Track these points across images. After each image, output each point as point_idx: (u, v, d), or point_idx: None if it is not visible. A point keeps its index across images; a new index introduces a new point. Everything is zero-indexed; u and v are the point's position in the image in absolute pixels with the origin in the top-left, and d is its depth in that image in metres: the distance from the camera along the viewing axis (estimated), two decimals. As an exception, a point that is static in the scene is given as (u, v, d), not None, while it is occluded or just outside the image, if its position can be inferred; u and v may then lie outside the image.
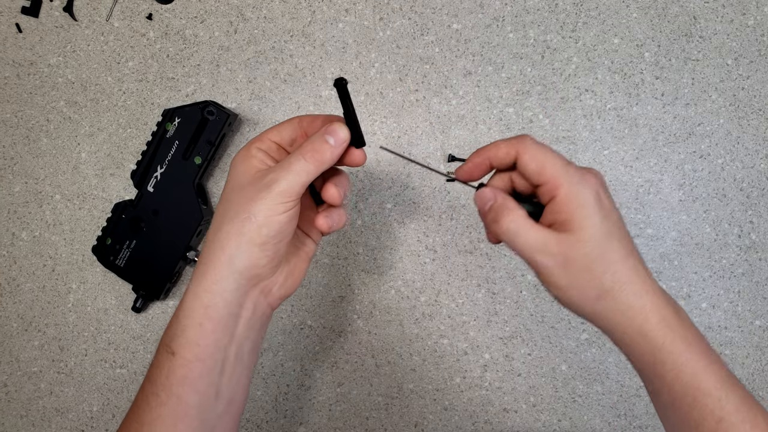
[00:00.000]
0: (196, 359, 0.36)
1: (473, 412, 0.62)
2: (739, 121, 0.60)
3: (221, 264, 0.36)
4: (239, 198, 0.37)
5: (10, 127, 0.65)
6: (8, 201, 0.65)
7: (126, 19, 0.64)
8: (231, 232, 0.36)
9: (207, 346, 0.36)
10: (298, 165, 0.36)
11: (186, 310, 0.37)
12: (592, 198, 0.35)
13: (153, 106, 0.64)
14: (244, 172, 0.38)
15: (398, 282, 0.62)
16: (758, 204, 0.60)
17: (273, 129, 0.40)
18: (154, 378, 0.37)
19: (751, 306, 0.60)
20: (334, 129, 0.38)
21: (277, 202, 0.36)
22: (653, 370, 0.36)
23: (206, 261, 0.37)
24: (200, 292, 0.37)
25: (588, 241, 0.35)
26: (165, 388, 0.36)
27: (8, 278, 0.66)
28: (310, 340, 0.63)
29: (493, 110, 0.61)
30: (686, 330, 0.36)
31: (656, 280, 0.37)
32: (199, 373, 0.36)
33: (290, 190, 0.36)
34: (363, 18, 0.62)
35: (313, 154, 0.37)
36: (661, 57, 0.60)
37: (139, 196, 0.60)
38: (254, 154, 0.39)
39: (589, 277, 0.35)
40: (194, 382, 0.36)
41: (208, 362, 0.36)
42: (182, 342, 0.36)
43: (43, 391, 0.66)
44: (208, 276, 0.37)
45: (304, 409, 0.63)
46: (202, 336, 0.36)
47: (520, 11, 0.60)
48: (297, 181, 0.36)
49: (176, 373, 0.36)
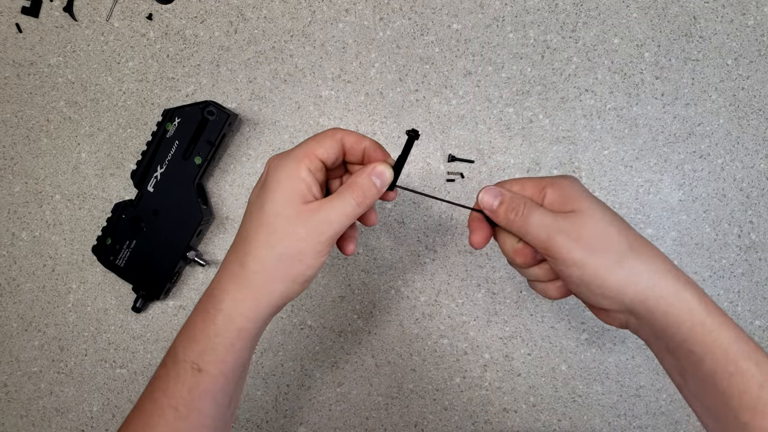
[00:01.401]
0: (221, 375, 0.37)
1: (473, 412, 0.62)
2: (739, 121, 0.60)
3: (262, 295, 0.37)
4: (288, 232, 0.36)
5: (10, 127, 0.65)
6: (8, 201, 0.65)
7: (126, 19, 0.64)
8: (278, 269, 0.37)
9: (234, 362, 0.38)
10: (350, 209, 0.37)
11: (219, 329, 0.37)
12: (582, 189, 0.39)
13: (153, 106, 0.64)
14: (291, 197, 0.37)
15: (398, 282, 0.62)
16: (758, 204, 0.60)
17: (319, 144, 0.38)
18: (172, 391, 0.37)
19: (750, 306, 0.60)
20: (380, 172, 0.38)
21: (326, 245, 0.37)
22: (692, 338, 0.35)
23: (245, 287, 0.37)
24: (236, 315, 0.37)
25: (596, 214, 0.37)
26: (186, 402, 0.37)
27: (8, 278, 0.66)
28: (310, 340, 0.63)
29: (493, 110, 0.61)
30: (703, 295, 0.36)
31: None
32: (221, 388, 0.38)
33: (339, 233, 0.37)
34: (363, 18, 0.62)
35: (364, 199, 0.37)
36: (661, 57, 0.60)
37: (139, 196, 0.60)
38: (304, 177, 0.37)
39: (606, 242, 0.36)
40: (215, 395, 0.37)
41: (230, 376, 0.38)
42: (211, 359, 0.37)
43: (43, 391, 0.66)
44: (246, 303, 0.37)
45: (304, 409, 0.63)
46: (230, 354, 0.37)
47: (520, 11, 0.60)
48: (347, 224, 0.37)
49: (200, 389, 0.37)
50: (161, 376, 0.38)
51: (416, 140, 0.39)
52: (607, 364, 0.61)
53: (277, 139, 0.63)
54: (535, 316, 0.61)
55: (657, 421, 0.61)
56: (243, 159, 0.63)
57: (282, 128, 0.63)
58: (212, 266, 0.64)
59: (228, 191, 0.63)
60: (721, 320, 0.35)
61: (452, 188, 0.61)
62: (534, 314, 0.61)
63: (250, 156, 0.63)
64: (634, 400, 0.61)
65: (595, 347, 0.61)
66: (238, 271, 0.37)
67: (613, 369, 0.61)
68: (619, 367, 0.61)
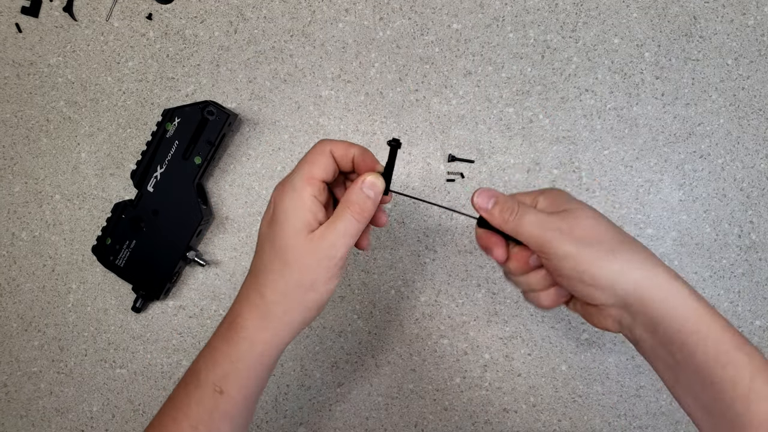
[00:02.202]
0: (242, 398, 0.39)
1: (473, 412, 0.62)
2: (739, 121, 0.60)
3: (282, 324, 0.39)
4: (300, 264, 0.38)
5: (10, 127, 0.65)
6: (8, 201, 0.65)
7: (126, 19, 0.63)
8: (295, 300, 0.39)
9: (254, 386, 0.40)
10: (351, 227, 0.38)
11: (241, 355, 0.39)
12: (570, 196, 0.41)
13: (153, 106, 0.64)
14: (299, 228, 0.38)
15: (398, 282, 0.62)
16: (758, 204, 0.60)
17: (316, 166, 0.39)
18: (194, 412, 0.39)
19: (751, 306, 0.60)
20: (371, 182, 0.39)
21: (337, 269, 0.39)
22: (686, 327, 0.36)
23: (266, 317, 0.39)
24: (257, 343, 0.39)
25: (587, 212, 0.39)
26: (206, 424, 0.38)
27: (8, 278, 0.66)
28: (311, 339, 0.63)
29: (493, 110, 0.61)
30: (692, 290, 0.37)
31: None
32: (241, 410, 0.39)
33: (346, 254, 0.39)
34: (363, 18, 0.61)
35: (362, 213, 0.39)
36: (661, 57, 0.60)
37: (139, 196, 0.60)
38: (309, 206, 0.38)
39: (598, 235, 0.38)
40: (234, 417, 0.39)
41: (251, 399, 0.40)
42: (233, 382, 0.39)
43: (42, 391, 0.66)
44: (269, 330, 0.39)
45: (304, 409, 0.63)
46: (252, 378, 0.39)
47: (520, 11, 0.60)
48: (351, 243, 0.39)
49: (220, 410, 0.39)
50: (181, 396, 0.40)
51: (399, 149, 0.40)
52: (608, 365, 0.61)
53: (277, 139, 0.63)
54: (536, 317, 0.61)
55: (657, 421, 0.61)
56: (243, 159, 0.63)
57: (282, 128, 0.63)
58: (212, 266, 0.64)
59: (228, 191, 0.63)
60: (711, 311, 0.36)
61: (452, 188, 0.61)
62: (534, 314, 0.61)
63: (250, 156, 0.63)
64: (634, 400, 0.61)
65: (595, 347, 0.61)
66: (258, 302, 0.39)
67: (614, 369, 0.61)
68: (620, 367, 0.61)
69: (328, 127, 0.62)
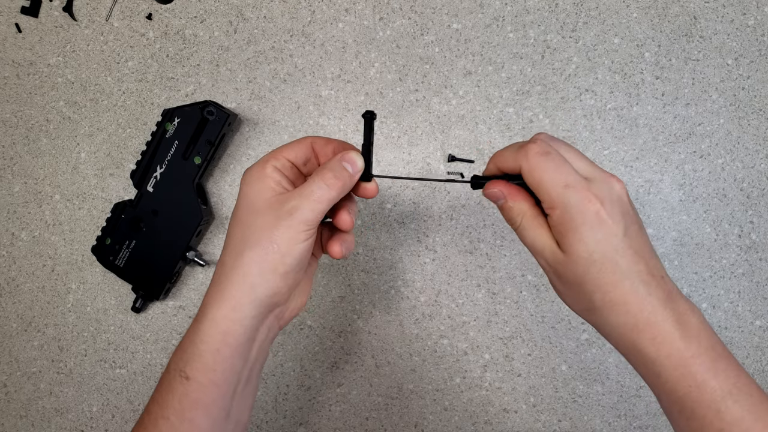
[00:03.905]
0: (211, 384, 0.36)
1: (473, 413, 0.62)
2: (739, 121, 0.60)
3: (242, 292, 0.36)
4: (259, 223, 0.36)
5: (9, 127, 0.65)
6: (8, 201, 0.65)
7: (125, 18, 0.63)
8: (253, 260, 0.36)
9: (223, 372, 0.36)
10: (320, 192, 0.36)
11: (202, 335, 0.36)
12: (586, 224, 0.34)
13: (152, 106, 0.64)
14: (260, 193, 0.37)
15: (398, 282, 0.62)
16: (758, 204, 0.60)
17: (286, 147, 0.39)
18: (164, 402, 0.36)
19: (751, 306, 0.60)
20: (351, 158, 0.38)
21: (300, 231, 0.36)
22: (650, 380, 0.36)
23: (225, 287, 0.37)
24: (218, 318, 0.36)
25: (577, 265, 0.35)
26: (177, 413, 0.36)
27: (8, 278, 0.66)
28: (310, 340, 0.63)
29: (493, 110, 0.61)
30: (690, 342, 0.34)
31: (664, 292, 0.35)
32: (213, 398, 0.36)
33: (313, 219, 0.36)
34: (363, 18, 0.61)
35: (335, 181, 0.36)
36: (661, 57, 0.60)
37: (139, 196, 0.60)
38: (270, 174, 0.38)
39: (579, 292, 0.36)
40: (208, 406, 0.36)
41: (223, 387, 0.36)
42: (198, 367, 0.36)
43: (42, 392, 0.66)
44: (227, 302, 0.36)
45: (304, 409, 0.63)
46: (219, 362, 0.36)
47: (520, 11, 0.60)
48: (319, 209, 0.36)
49: (190, 398, 0.36)
50: (157, 388, 0.38)
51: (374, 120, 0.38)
52: (608, 365, 0.61)
53: (276, 139, 0.63)
54: (536, 317, 0.61)
55: (657, 421, 0.61)
56: (243, 159, 0.63)
57: (282, 128, 0.63)
58: (212, 266, 0.64)
59: (228, 191, 0.63)
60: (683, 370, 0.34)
61: (452, 188, 0.61)
62: (534, 314, 0.61)
63: (249, 156, 0.63)
64: (634, 400, 0.61)
65: (595, 347, 0.61)
66: (218, 272, 0.37)
67: (614, 369, 0.61)
68: (620, 367, 0.61)
69: (328, 127, 0.62)
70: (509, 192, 0.38)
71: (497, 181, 0.38)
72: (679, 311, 0.35)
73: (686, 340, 0.34)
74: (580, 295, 0.36)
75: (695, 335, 0.35)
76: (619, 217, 0.35)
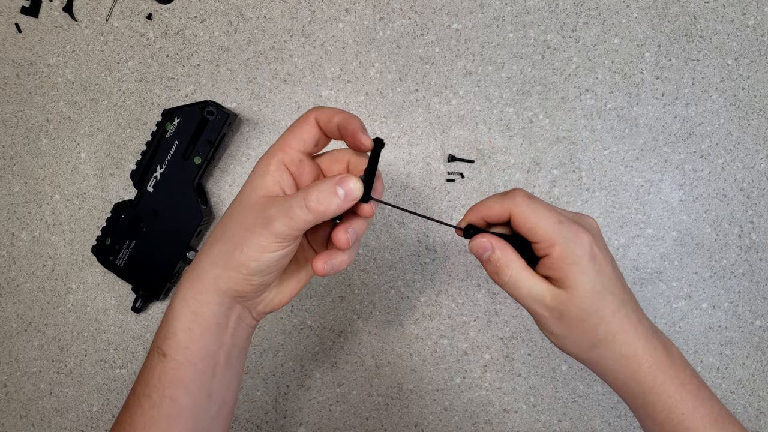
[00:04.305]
0: (187, 362, 0.36)
1: (473, 413, 0.62)
2: (739, 121, 0.60)
3: (208, 279, 0.37)
4: (241, 221, 0.36)
5: (9, 127, 0.65)
6: (8, 201, 0.65)
7: (126, 18, 0.63)
8: (222, 254, 0.36)
9: (198, 350, 0.37)
10: (297, 212, 0.34)
11: (175, 313, 0.37)
12: (585, 255, 0.36)
13: (153, 106, 0.64)
14: (255, 189, 0.37)
15: (398, 282, 0.62)
16: (758, 204, 0.60)
17: (294, 134, 0.38)
18: (146, 380, 0.37)
19: (751, 306, 0.60)
20: (347, 183, 0.35)
21: (270, 242, 0.35)
22: (645, 411, 0.37)
23: (197, 269, 0.37)
24: (189, 298, 0.37)
25: (582, 298, 0.36)
26: (157, 390, 0.36)
27: (8, 278, 0.66)
28: (310, 340, 0.63)
29: (493, 110, 0.61)
30: (678, 371, 0.37)
31: (649, 322, 0.38)
32: (191, 377, 0.37)
33: (286, 234, 0.35)
34: (363, 18, 0.61)
35: (316, 206, 0.34)
36: (661, 57, 0.60)
37: (139, 196, 0.60)
38: (272, 172, 0.37)
39: (583, 328, 0.37)
40: (186, 384, 0.36)
41: (200, 366, 0.37)
42: (172, 344, 0.36)
43: (42, 392, 0.66)
44: (196, 285, 0.37)
45: (304, 409, 0.63)
46: (191, 340, 0.36)
47: (521, 11, 0.60)
48: (293, 227, 0.35)
49: (168, 375, 0.36)
50: (141, 369, 0.38)
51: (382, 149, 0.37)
52: (608, 365, 0.61)
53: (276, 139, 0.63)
54: (536, 317, 0.61)
55: (657, 421, 0.61)
56: (243, 159, 0.63)
57: (282, 128, 0.63)
58: (212, 266, 0.64)
59: (228, 191, 0.63)
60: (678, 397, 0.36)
61: (452, 188, 0.61)
62: (534, 314, 0.61)
63: (249, 156, 0.63)
64: (634, 400, 0.61)
65: (595, 347, 0.61)
66: (199, 254, 0.38)
67: (614, 369, 0.61)
68: (620, 367, 0.61)
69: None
70: (497, 242, 0.38)
71: (483, 233, 0.39)
72: (664, 341, 0.38)
73: (675, 368, 0.37)
74: (584, 331, 0.37)
75: (681, 364, 0.37)
76: (606, 250, 0.37)
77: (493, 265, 0.38)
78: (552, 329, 0.38)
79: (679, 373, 0.37)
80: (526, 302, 0.38)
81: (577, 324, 0.36)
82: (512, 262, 0.37)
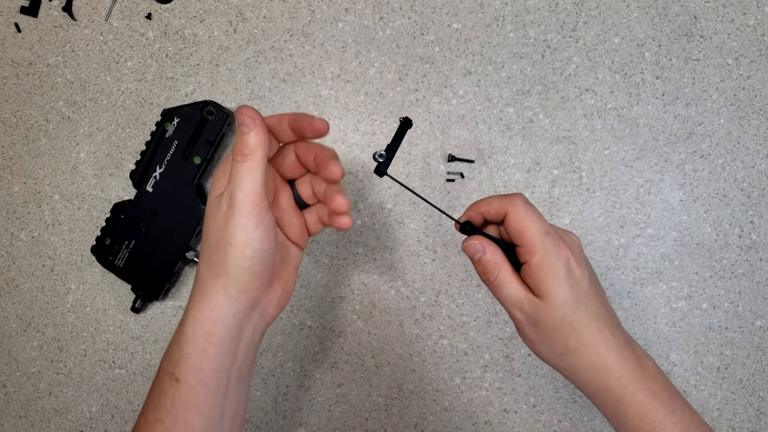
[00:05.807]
0: (200, 384, 0.36)
1: (473, 413, 0.62)
2: (739, 121, 0.59)
3: (217, 293, 0.37)
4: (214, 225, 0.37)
5: (9, 127, 0.65)
6: (7, 201, 0.65)
7: (125, 18, 0.63)
8: (218, 262, 0.37)
9: (211, 371, 0.37)
10: (236, 170, 0.36)
11: (188, 337, 0.37)
12: (562, 268, 0.38)
13: (152, 106, 0.64)
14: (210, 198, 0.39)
15: (398, 282, 0.62)
16: (759, 204, 0.60)
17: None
18: (158, 404, 0.37)
19: (751, 306, 0.60)
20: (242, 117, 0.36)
21: (247, 218, 0.35)
22: (618, 419, 0.39)
23: (202, 288, 0.38)
24: (201, 318, 0.37)
25: (556, 308, 0.38)
26: (170, 415, 0.36)
27: (7, 279, 0.66)
28: (310, 340, 0.63)
29: (493, 110, 0.61)
30: (650, 381, 0.38)
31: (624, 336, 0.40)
32: (204, 398, 0.37)
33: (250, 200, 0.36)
34: (363, 17, 0.61)
35: (241, 152, 0.36)
36: (661, 56, 0.60)
37: (138, 196, 0.60)
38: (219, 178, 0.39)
39: (555, 337, 0.39)
40: (199, 406, 0.37)
41: (212, 386, 0.37)
42: (185, 368, 0.36)
43: (42, 392, 0.66)
44: (206, 303, 0.37)
45: (304, 409, 0.63)
46: (205, 361, 0.37)
47: (521, 11, 0.60)
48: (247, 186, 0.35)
49: (181, 399, 0.36)
50: (149, 392, 0.39)
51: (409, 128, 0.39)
52: (608, 365, 0.61)
53: (276, 139, 0.63)
54: (536, 317, 0.61)
55: (658, 421, 0.61)
56: (242, 159, 0.63)
57: (281, 128, 0.62)
58: (211, 266, 0.63)
59: (227, 191, 0.63)
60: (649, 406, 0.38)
61: (452, 188, 0.61)
62: (534, 314, 0.61)
63: (249, 156, 0.63)
64: (634, 400, 0.61)
65: (595, 348, 0.61)
66: (196, 277, 0.39)
67: (614, 369, 0.61)
68: (620, 367, 0.61)
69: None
70: (488, 245, 0.40)
71: (477, 235, 0.41)
72: (638, 354, 0.39)
73: (647, 379, 0.38)
74: (556, 340, 0.39)
75: (653, 375, 0.39)
76: (584, 266, 0.39)
77: (482, 266, 0.40)
78: (527, 334, 0.40)
79: (650, 383, 0.38)
80: (506, 305, 0.40)
81: (550, 332, 0.39)
82: (500, 265, 0.40)
